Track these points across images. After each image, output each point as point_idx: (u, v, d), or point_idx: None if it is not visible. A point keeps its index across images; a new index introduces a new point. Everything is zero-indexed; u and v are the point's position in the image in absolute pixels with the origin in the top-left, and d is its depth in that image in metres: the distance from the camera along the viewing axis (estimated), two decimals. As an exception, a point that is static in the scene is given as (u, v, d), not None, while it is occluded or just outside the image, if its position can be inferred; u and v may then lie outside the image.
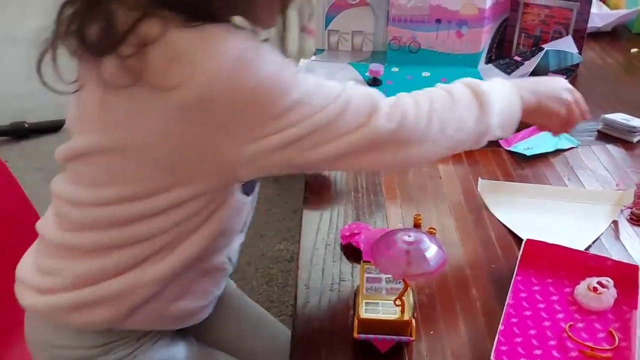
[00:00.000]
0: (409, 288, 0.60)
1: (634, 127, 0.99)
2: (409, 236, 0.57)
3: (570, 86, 0.81)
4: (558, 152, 0.98)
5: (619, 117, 1.00)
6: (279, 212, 1.99)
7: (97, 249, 0.70)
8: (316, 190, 0.94)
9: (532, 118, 0.77)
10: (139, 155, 0.64)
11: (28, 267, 0.77)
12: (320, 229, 0.85)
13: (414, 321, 0.60)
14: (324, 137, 0.62)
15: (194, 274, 0.74)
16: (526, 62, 1.15)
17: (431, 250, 0.56)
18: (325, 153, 0.62)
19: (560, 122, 0.80)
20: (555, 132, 0.84)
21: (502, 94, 0.73)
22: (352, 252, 0.79)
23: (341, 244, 0.81)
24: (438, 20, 1.24)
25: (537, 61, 1.06)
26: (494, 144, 1.01)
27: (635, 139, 0.99)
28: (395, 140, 0.65)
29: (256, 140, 0.61)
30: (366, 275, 0.65)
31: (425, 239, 0.57)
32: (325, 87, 0.63)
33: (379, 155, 0.65)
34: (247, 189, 0.73)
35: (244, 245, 0.83)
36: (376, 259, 0.57)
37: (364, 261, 0.69)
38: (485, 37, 1.25)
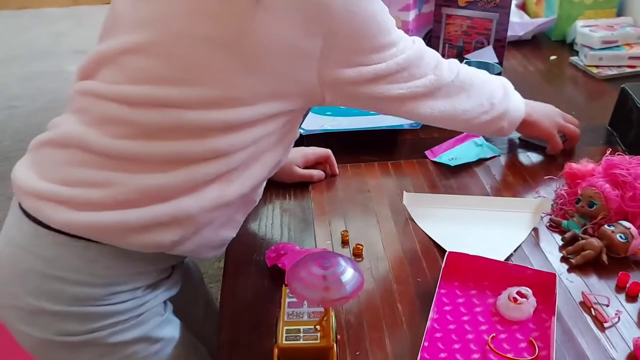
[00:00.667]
0: (329, 311, 0.59)
1: None
2: (325, 260, 0.55)
3: (559, 111, 1.01)
4: (481, 161, 1.00)
5: None
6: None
7: (170, 160, 0.65)
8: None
9: (527, 130, 0.96)
10: (246, 53, 0.63)
11: (49, 180, 0.66)
12: (247, 250, 0.83)
13: (335, 346, 0.59)
14: (403, 77, 0.73)
15: (241, 202, 0.74)
16: (450, 73, 1.16)
17: (347, 274, 0.55)
18: (398, 92, 0.73)
19: (550, 138, 0.98)
20: (554, 150, 0.99)
21: (516, 98, 0.92)
22: (278, 275, 0.77)
23: (267, 265, 0.79)
24: (364, 33, 1.25)
25: (459, 72, 1.08)
26: (420, 155, 1.02)
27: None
28: (451, 90, 0.80)
29: (354, 66, 0.69)
30: (287, 299, 0.64)
31: (342, 262, 0.56)
32: (405, 36, 0.75)
33: (435, 102, 0.78)
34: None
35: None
36: (292, 286, 0.55)
37: (285, 285, 0.67)
38: (410, 49, 1.26)
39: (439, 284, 0.72)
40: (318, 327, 0.58)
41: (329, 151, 0.98)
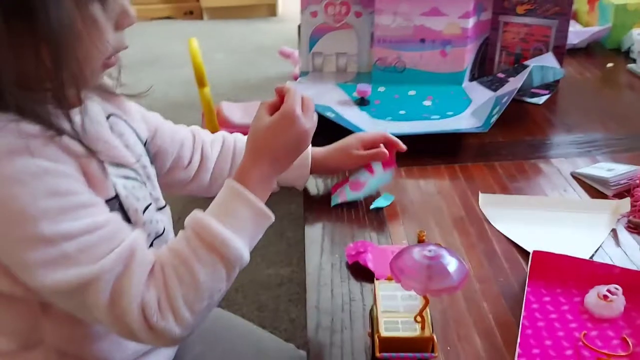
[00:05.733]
0: (429, 303, 0.60)
1: (609, 179, 0.90)
2: (429, 251, 0.56)
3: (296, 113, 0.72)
4: (550, 162, 1.00)
5: (592, 170, 0.94)
6: (264, 235, 1.96)
7: None
8: (315, 209, 0.93)
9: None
10: None
11: None
12: (324, 249, 0.84)
13: (435, 337, 0.59)
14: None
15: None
16: (512, 79, 1.17)
17: (452, 264, 0.56)
18: None
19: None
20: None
21: (244, 225, 0.67)
22: (359, 271, 0.78)
23: (347, 263, 0.80)
24: (422, 40, 1.26)
25: (524, 78, 1.09)
26: (487, 159, 1.02)
27: (611, 193, 0.90)
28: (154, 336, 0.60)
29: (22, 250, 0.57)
30: (381, 293, 0.65)
31: (445, 253, 0.57)
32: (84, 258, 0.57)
33: None
34: None
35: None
36: (396, 276, 0.56)
37: (377, 279, 0.68)
38: (468, 56, 1.27)
39: (527, 282, 0.72)
40: (418, 318, 0.59)
41: (385, 132, 0.93)
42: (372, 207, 0.91)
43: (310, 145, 0.85)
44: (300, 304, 1.68)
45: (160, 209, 0.79)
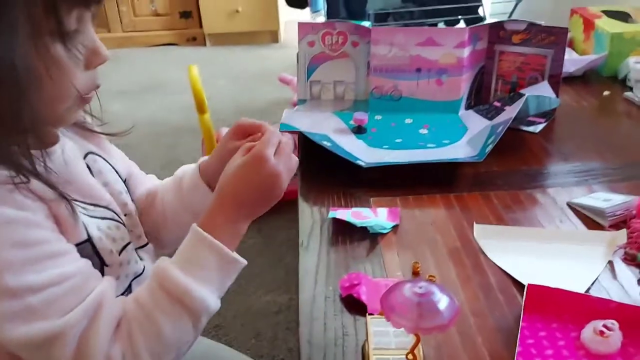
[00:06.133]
0: (420, 340, 0.59)
1: (605, 210, 0.90)
2: (419, 287, 0.56)
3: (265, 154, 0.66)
4: (546, 191, 1.00)
5: (589, 201, 0.94)
6: (262, 262, 1.96)
7: None
8: (310, 239, 0.92)
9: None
10: None
11: None
12: (318, 280, 0.83)
13: (427, 375, 0.58)
14: None
15: None
16: (507, 108, 1.17)
17: (443, 302, 0.55)
18: None
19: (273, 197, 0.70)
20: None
21: (208, 273, 0.64)
22: (353, 304, 0.77)
23: (341, 295, 0.79)
24: (418, 70, 1.27)
25: (520, 106, 1.09)
26: (483, 189, 1.02)
27: (607, 223, 0.90)
28: None
29: None
30: (373, 328, 0.64)
31: (436, 289, 0.56)
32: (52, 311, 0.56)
33: None
34: None
35: (228, 300, 0.75)
36: (386, 313, 0.55)
37: (369, 314, 0.67)
38: (464, 85, 1.28)
39: (522, 317, 0.71)
40: (410, 355, 0.58)
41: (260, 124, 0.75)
42: (371, 232, 0.91)
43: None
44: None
45: (142, 247, 0.77)
